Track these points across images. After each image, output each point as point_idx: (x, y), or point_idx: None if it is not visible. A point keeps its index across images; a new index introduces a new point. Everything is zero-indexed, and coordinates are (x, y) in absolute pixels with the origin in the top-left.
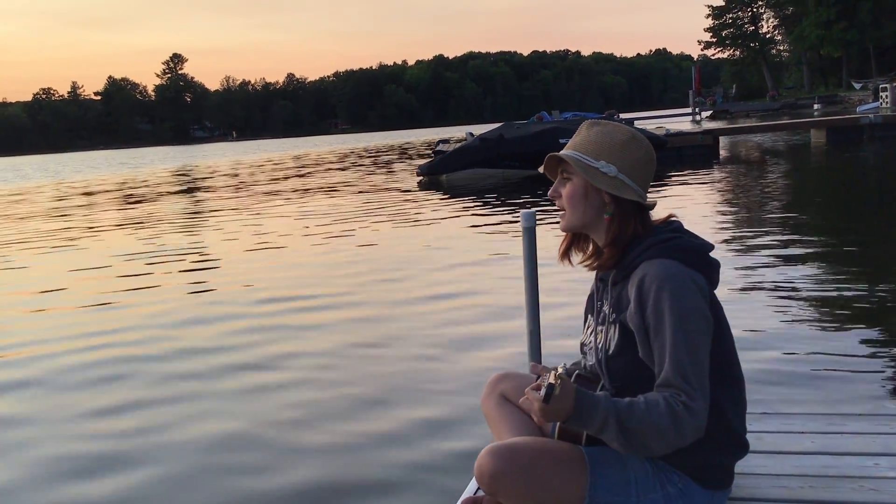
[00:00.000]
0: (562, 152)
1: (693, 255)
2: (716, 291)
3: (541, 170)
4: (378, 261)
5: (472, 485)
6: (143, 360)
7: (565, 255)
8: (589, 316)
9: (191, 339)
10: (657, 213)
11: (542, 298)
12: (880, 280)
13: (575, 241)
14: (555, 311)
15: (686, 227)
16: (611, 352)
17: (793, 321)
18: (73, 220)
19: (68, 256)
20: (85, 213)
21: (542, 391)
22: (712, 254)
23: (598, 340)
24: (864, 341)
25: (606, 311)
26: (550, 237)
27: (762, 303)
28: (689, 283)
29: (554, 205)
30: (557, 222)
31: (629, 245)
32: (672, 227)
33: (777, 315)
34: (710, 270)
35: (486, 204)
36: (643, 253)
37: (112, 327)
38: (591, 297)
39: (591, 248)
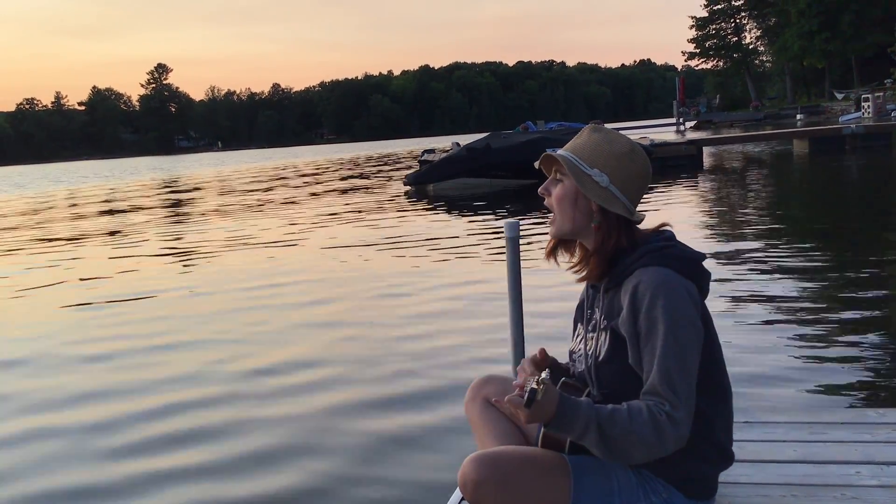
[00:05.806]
0: (558, 152)
1: (687, 264)
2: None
3: (536, 164)
4: (365, 273)
5: (457, 494)
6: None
7: (552, 254)
8: (578, 324)
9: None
10: (647, 223)
11: (525, 307)
12: (863, 288)
13: (562, 241)
14: (539, 319)
15: None
16: (601, 358)
17: (775, 330)
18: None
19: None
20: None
21: (525, 395)
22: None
23: (588, 347)
24: (845, 350)
25: (598, 318)
26: (535, 247)
27: (744, 311)
28: (683, 293)
29: (540, 215)
30: (544, 232)
31: (616, 255)
32: (665, 235)
33: (759, 323)
34: (703, 280)
35: (473, 213)
36: (637, 260)
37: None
38: (580, 305)
39: (579, 252)
